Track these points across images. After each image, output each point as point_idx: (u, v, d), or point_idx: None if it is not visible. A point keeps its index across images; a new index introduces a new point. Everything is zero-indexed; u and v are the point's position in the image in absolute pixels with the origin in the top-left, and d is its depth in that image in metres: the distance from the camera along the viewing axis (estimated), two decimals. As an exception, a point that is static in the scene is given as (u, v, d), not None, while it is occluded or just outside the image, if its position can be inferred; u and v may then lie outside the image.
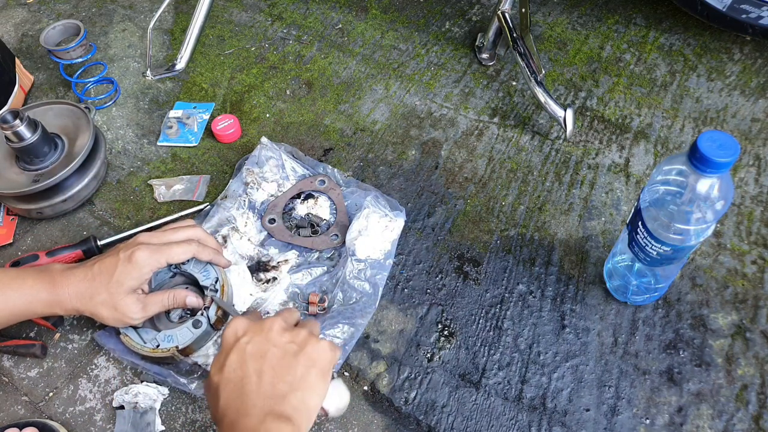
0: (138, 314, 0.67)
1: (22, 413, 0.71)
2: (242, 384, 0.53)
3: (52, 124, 0.88)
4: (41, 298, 0.66)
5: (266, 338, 0.55)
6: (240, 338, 0.56)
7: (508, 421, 0.68)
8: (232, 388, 0.53)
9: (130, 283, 0.66)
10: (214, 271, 0.74)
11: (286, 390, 0.52)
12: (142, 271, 0.67)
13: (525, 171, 0.90)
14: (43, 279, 0.66)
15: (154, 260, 0.67)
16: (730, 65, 1.02)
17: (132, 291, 0.67)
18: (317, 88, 1.04)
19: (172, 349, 0.69)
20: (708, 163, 0.54)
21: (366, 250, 0.79)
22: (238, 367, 0.54)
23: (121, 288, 0.66)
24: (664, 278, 0.72)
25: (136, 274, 0.66)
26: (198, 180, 0.91)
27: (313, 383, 0.54)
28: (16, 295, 0.65)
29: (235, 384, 0.53)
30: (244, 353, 0.54)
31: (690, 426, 0.67)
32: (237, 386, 0.53)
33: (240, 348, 0.55)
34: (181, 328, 0.70)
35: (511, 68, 1.05)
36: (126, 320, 0.67)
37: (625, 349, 0.72)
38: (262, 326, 0.56)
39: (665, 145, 0.92)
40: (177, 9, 1.20)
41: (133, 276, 0.66)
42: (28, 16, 1.21)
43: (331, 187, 0.86)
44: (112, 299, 0.66)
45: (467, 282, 0.79)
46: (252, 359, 0.54)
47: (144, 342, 0.70)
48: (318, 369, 0.55)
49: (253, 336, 0.55)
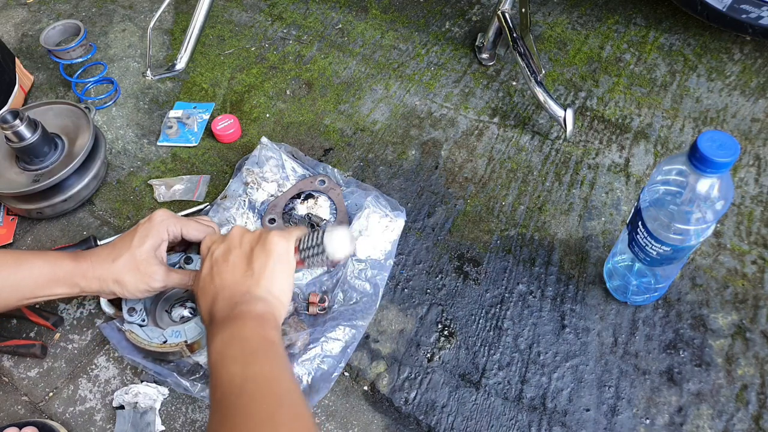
0: (161, 276, 0.66)
1: (22, 413, 0.71)
2: (213, 285, 0.60)
3: (52, 124, 0.88)
4: (65, 267, 0.65)
5: (228, 244, 0.63)
6: (210, 248, 0.64)
7: (508, 421, 0.68)
8: (207, 291, 0.61)
9: (150, 241, 0.66)
10: None
11: (250, 282, 0.59)
12: (160, 228, 0.67)
13: (525, 171, 0.90)
14: (66, 254, 0.67)
15: (171, 222, 0.68)
16: (730, 65, 1.02)
17: (153, 251, 0.67)
18: (317, 88, 1.04)
19: (180, 343, 0.69)
20: (708, 163, 0.54)
21: (366, 250, 0.79)
22: (208, 273, 0.62)
23: (142, 246, 0.66)
24: (664, 278, 0.72)
25: (155, 231, 0.67)
26: (198, 180, 0.91)
27: (273, 270, 0.60)
28: (40, 263, 0.65)
29: (208, 286, 0.61)
30: (212, 259, 0.62)
31: (690, 426, 0.67)
32: (209, 288, 0.61)
33: (209, 256, 0.63)
34: (189, 323, 0.71)
35: (511, 68, 1.05)
36: (149, 282, 0.66)
37: (625, 349, 0.72)
38: (227, 236, 0.64)
39: (665, 145, 0.92)
40: (177, 9, 1.20)
41: (152, 233, 0.67)
42: (28, 16, 1.21)
43: (331, 187, 0.86)
44: (134, 260, 0.65)
45: (467, 282, 0.79)
46: (217, 264, 0.61)
47: (150, 339, 0.70)
48: (275, 258, 0.61)
49: (218, 244, 0.63)
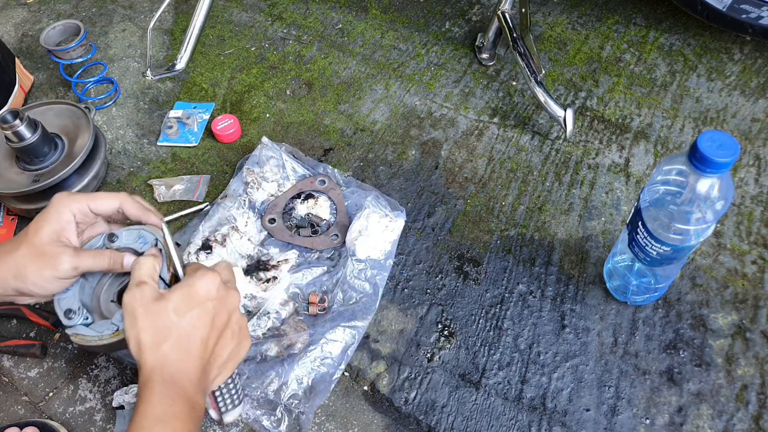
0: (69, 258, 0.58)
1: (22, 413, 0.71)
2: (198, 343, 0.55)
3: (52, 124, 0.88)
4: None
5: (229, 313, 0.58)
6: (211, 299, 0.56)
7: (508, 421, 0.68)
8: (185, 340, 0.54)
9: (50, 225, 0.59)
10: (152, 236, 0.64)
11: (216, 373, 0.57)
12: (60, 209, 0.59)
13: (525, 171, 0.90)
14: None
15: (73, 201, 0.60)
16: (730, 65, 1.02)
17: (56, 235, 0.59)
18: (317, 88, 1.04)
19: None
20: (708, 163, 0.54)
21: (366, 250, 0.79)
22: (201, 326, 0.55)
23: (40, 231, 0.58)
24: (664, 278, 0.72)
25: (53, 213, 0.59)
26: (198, 180, 0.91)
27: (240, 357, 0.60)
28: None
29: (188, 338, 0.54)
30: (210, 318, 0.56)
31: (690, 426, 0.67)
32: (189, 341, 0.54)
33: (207, 310, 0.56)
34: None
35: (511, 68, 1.05)
36: (55, 267, 0.58)
37: (625, 349, 0.72)
38: (230, 300, 0.58)
39: (665, 145, 0.92)
40: (177, 9, 1.20)
41: (51, 217, 0.59)
42: (28, 16, 1.21)
43: (332, 187, 0.86)
44: (33, 247, 0.57)
45: (467, 282, 0.79)
46: (215, 329, 0.56)
47: (101, 333, 0.61)
48: (239, 360, 0.60)
49: (220, 305, 0.57)
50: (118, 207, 0.63)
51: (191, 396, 0.53)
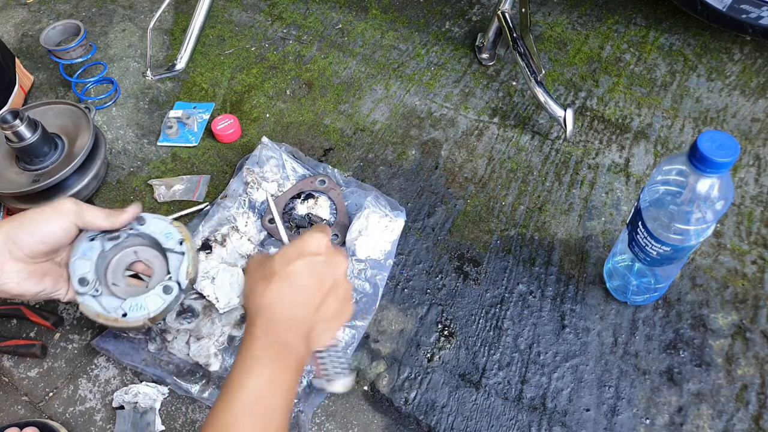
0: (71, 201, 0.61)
1: (22, 413, 0.71)
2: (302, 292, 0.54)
3: (52, 124, 0.88)
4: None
5: (336, 274, 0.57)
6: (319, 254, 0.56)
7: (508, 421, 0.68)
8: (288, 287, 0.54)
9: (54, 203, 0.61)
10: (179, 233, 0.68)
11: (326, 333, 0.57)
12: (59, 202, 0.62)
13: (525, 171, 0.90)
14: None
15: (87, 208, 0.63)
16: (730, 65, 1.02)
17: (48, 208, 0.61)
18: (317, 88, 1.04)
19: (143, 319, 0.63)
20: (708, 163, 0.54)
21: (366, 250, 0.79)
22: (307, 275, 0.55)
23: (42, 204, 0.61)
24: (664, 278, 0.72)
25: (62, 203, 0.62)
26: (198, 180, 0.91)
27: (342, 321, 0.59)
28: None
29: (292, 285, 0.54)
30: (316, 271, 0.55)
31: (690, 426, 0.67)
32: (292, 288, 0.54)
33: (314, 262, 0.55)
34: (150, 294, 0.64)
35: (511, 68, 1.05)
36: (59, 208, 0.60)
37: (625, 349, 0.72)
38: (338, 260, 0.57)
39: (665, 145, 0.92)
40: (177, 9, 1.20)
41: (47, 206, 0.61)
42: (28, 16, 1.21)
43: (332, 187, 0.86)
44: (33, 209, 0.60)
45: (467, 282, 0.79)
46: (322, 284, 0.55)
47: (108, 311, 0.63)
48: (341, 324, 0.59)
49: (327, 263, 0.56)
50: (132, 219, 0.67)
51: (291, 343, 0.53)
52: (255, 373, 0.50)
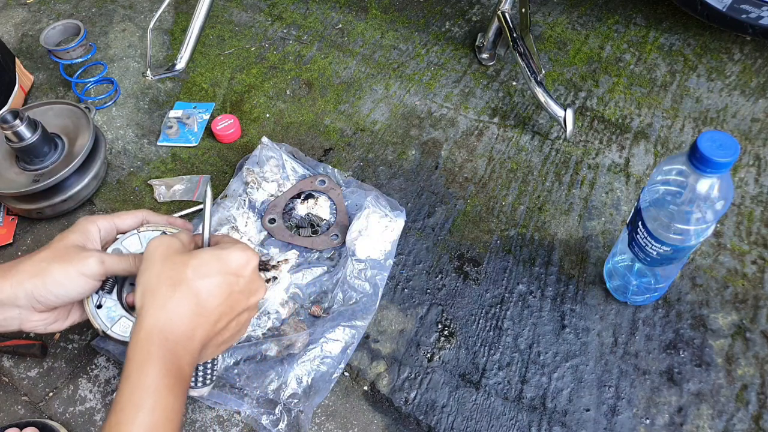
0: (96, 256, 0.57)
1: (22, 413, 0.71)
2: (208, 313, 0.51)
3: (52, 124, 0.88)
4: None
5: (249, 301, 0.55)
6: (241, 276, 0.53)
7: (508, 421, 0.68)
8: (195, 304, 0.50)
9: (75, 236, 0.59)
10: None
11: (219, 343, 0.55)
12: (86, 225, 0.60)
13: (525, 171, 0.90)
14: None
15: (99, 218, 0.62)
16: (730, 65, 1.02)
17: (81, 243, 0.59)
18: (317, 88, 1.04)
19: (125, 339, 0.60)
20: (708, 163, 0.54)
21: (366, 250, 0.79)
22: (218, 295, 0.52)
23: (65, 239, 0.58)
24: (664, 278, 0.72)
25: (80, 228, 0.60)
26: (198, 180, 0.91)
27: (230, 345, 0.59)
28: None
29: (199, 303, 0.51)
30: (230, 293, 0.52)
31: (690, 426, 0.67)
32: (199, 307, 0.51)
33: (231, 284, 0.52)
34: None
35: (511, 68, 1.05)
36: (84, 265, 0.57)
37: (625, 349, 0.72)
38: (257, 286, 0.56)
39: (665, 145, 0.92)
40: (177, 9, 1.20)
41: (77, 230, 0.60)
42: (28, 16, 1.21)
43: (332, 187, 0.86)
44: (56, 250, 0.57)
45: (467, 282, 0.79)
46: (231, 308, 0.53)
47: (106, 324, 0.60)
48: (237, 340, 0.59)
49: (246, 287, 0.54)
50: (143, 221, 0.66)
51: (184, 368, 0.49)
52: (149, 408, 0.46)
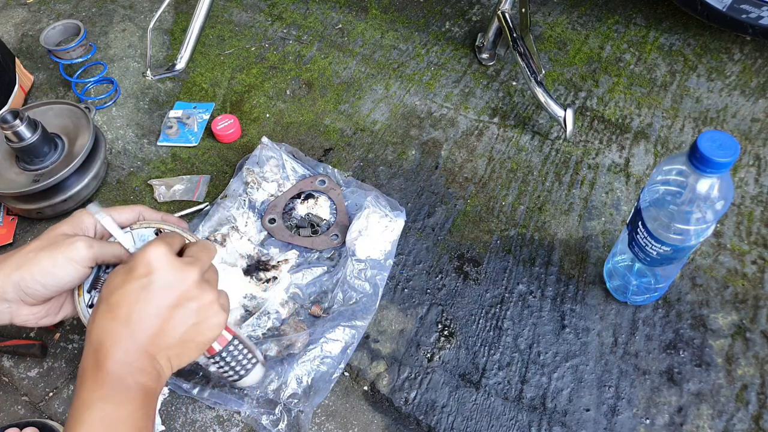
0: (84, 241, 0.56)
1: (22, 413, 0.71)
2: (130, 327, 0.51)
3: (52, 124, 0.88)
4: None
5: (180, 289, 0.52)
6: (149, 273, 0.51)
7: (508, 421, 0.68)
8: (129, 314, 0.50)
9: (68, 225, 0.58)
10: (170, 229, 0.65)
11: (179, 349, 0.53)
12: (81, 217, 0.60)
13: (525, 171, 0.90)
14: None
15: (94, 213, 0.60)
16: (730, 65, 1.02)
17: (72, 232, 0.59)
18: (317, 88, 1.04)
19: None
20: (708, 163, 0.54)
21: (366, 250, 0.79)
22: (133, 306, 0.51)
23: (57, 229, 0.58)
24: (664, 278, 0.72)
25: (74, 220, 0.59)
26: (198, 180, 0.91)
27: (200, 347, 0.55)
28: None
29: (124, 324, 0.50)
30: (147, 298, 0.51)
31: (690, 426, 0.67)
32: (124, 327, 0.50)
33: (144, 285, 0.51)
34: None
35: (511, 68, 1.05)
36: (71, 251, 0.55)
37: (625, 349, 0.72)
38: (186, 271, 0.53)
39: (665, 145, 0.92)
40: (177, 9, 1.20)
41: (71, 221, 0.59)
42: (28, 16, 1.21)
43: (332, 187, 0.86)
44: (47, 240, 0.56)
45: (467, 282, 0.79)
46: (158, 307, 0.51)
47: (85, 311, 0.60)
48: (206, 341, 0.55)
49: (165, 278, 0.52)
50: (138, 216, 0.64)
51: (125, 376, 0.49)
52: (86, 421, 0.47)
